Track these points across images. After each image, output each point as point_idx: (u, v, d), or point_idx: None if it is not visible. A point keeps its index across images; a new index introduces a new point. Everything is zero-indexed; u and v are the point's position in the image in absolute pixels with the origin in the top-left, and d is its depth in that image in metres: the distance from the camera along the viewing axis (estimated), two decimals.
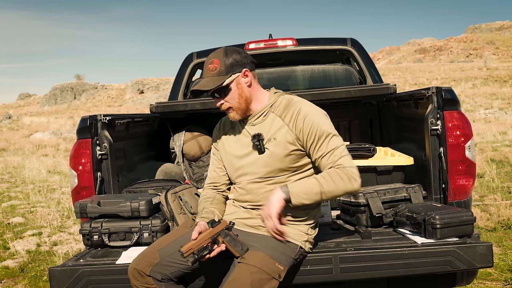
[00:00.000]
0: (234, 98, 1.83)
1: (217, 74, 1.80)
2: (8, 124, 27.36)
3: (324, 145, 1.76)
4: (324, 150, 1.76)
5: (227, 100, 1.84)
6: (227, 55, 1.82)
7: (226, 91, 1.82)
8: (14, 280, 3.67)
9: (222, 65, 1.80)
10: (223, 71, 1.80)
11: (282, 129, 1.82)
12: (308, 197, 1.70)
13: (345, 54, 4.00)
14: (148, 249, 1.81)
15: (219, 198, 2.00)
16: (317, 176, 1.73)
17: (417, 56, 64.81)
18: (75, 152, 2.45)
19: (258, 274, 1.63)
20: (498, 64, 40.71)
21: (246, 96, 1.84)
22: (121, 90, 47.54)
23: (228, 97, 1.83)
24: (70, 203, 6.05)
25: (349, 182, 1.70)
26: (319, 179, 1.71)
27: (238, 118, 1.87)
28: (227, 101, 1.84)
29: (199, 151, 3.49)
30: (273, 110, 1.88)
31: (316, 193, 1.69)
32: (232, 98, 1.83)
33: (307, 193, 1.70)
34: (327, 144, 1.76)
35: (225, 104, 1.84)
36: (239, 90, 1.83)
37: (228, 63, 1.81)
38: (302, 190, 1.70)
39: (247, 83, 1.85)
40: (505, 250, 3.59)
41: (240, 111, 1.85)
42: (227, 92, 1.82)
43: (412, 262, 1.80)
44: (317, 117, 1.79)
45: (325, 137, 1.76)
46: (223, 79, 1.80)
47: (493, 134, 11.50)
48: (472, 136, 2.27)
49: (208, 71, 1.82)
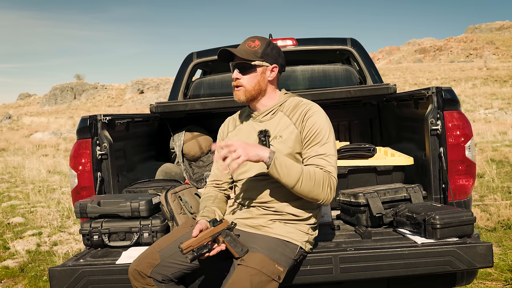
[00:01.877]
0: (252, 82, 1.87)
1: (253, 52, 1.85)
2: (8, 124, 27.36)
3: (316, 147, 1.79)
4: (315, 153, 1.78)
5: (244, 78, 1.87)
6: (270, 45, 1.89)
7: (249, 70, 1.87)
8: (14, 280, 3.67)
9: (261, 48, 1.87)
10: (259, 54, 1.86)
11: (289, 127, 1.85)
12: (285, 177, 1.67)
13: (345, 54, 4.00)
14: (149, 249, 1.81)
15: (220, 197, 2.00)
16: (304, 167, 1.73)
17: (417, 56, 64.80)
18: (75, 152, 2.45)
19: (257, 276, 1.62)
20: (498, 64, 40.71)
21: (261, 87, 1.89)
22: (121, 90, 47.54)
23: (248, 76, 1.87)
24: (70, 203, 6.05)
25: (326, 190, 1.71)
26: (304, 171, 1.70)
27: (243, 100, 1.89)
28: (243, 79, 1.87)
29: (199, 151, 3.49)
30: (281, 109, 1.92)
31: (293, 179, 1.67)
32: (249, 80, 1.87)
33: (287, 173, 1.66)
34: (320, 147, 1.79)
35: (240, 80, 1.88)
36: (260, 78, 1.88)
37: (266, 51, 1.87)
38: (285, 167, 1.67)
39: (270, 78, 1.90)
40: (505, 250, 3.59)
41: (249, 94, 1.88)
42: (250, 72, 1.87)
43: (412, 262, 1.80)
44: (320, 121, 1.82)
45: (320, 141, 1.79)
46: (255, 59, 1.86)
47: (493, 134, 11.50)
48: (472, 136, 2.27)
49: (247, 45, 1.88)
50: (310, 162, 1.78)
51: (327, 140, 1.80)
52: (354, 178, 2.68)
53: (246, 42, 1.89)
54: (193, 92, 3.89)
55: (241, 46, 1.89)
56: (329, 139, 1.81)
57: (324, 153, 1.77)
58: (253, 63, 1.85)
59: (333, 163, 1.78)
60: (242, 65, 1.87)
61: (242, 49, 1.86)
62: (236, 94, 1.90)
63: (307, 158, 1.81)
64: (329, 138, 1.81)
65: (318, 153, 1.78)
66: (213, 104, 3.00)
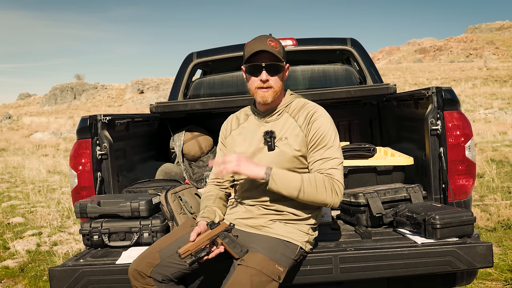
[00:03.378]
0: (279, 82, 1.87)
1: (278, 53, 1.83)
2: (8, 124, 27.36)
3: (321, 151, 1.79)
4: (320, 156, 1.78)
5: (274, 79, 1.85)
6: (282, 45, 1.88)
7: (279, 70, 1.86)
8: (14, 280, 3.67)
9: (281, 49, 1.86)
10: (282, 54, 1.85)
11: (295, 130, 1.84)
12: (286, 189, 1.70)
13: (345, 54, 4.00)
14: (148, 249, 1.81)
15: (221, 196, 2.01)
16: (304, 175, 1.74)
17: (417, 56, 64.81)
18: (75, 152, 2.44)
19: (257, 276, 1.62)
20: (498, 64, 40.71)
21: (282, 87, 1.90)
22: (121, 90, 47.54)
23: (277, 77, 1.86)
24: (70, 203, 6.05)
25: (331, 194, 1.71)
26: (304, 179, 1.71)
27: (270, 100, 1.87)
28: (273, 80, 1.85)
29: (199, 151, 3.49)
30: (287, 110, 1.91)
31: (295, 189, 1.70)
32: (277, 81, 1.86)
33: (287, 185, 1.70)
34: (325, 151, 1.79)
35: (270, 81, 1.85)
36: (283, 78, 1.89)
37: (284, 51, 1.88)
38: (284, 180, 1.70)
39: (285, 77, 1.92)
40: (505, 250, 3.59)
41: (275, 95, 1.87)
42: (279, 72, 1.86)
43: (412, 262, 1.80)
44: (326, 124, 1.83)
45: (325, 145, 1.79)
46: (283, 60, 1.85)
47: (493, 134, 11.49)
48: (472, 136, 2.27)
49: (269, 45, 1.82)
50: (315, 166, 1.79)
51: (333, 143, 1.80)
52: (354, 178, 2.68)
53: (265, 42, 1.81)
54: (193, 92, 3.89)
55: (262, 46, 1.81)
56: (334, 142, 1.81)
57: (329, 157, 1.78)
58: (283, 64, 1.86)
59: (338, 166, 1.77)
60: (274, 66, 1.84)
61: (271, 52, 1.81)
62: (265, 95, 1.85)
63: (312, 161, 1.81)
64: (334, 142, 1.81)
65: (322, 156, 1.78)
66: (213, 104, 3.00)
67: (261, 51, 1.80)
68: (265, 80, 1.83)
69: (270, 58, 1.82)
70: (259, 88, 1.85)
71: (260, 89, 1.85)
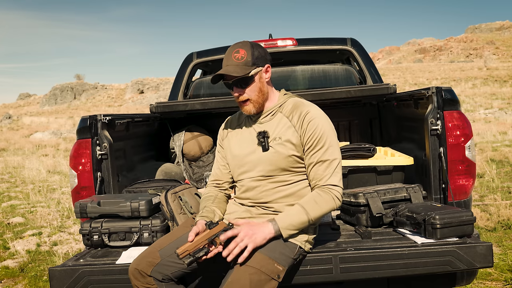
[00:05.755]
0: (254, 91, 1.84)
1: (244, 63, 1.80)
2: (8, 124, 27.36)
3: (320, 152, 1.79)
4: (318, 158, 1.79)
5: (247, 91, 1.83)
6: (254, 48, 1.84)
7: (249, 82, 1.83)
8: (14, 280, 3.67)
9: (249, 56, 1.81)
10: (250, 62, 1.81)
11: (289, 130, 1.84)
12: (297, 228, 1.74)
13: (345, 54, 4.00)
14: (149, 249, 1.81)
15: (221, 197, 2.01)
16: (303, 205, 1.75)
17: (417, 56, 64.81)
18: (75, 152, 2.44)
19: (257, 275, 1.62)
20: (498, 64, 40.71)
21: (264, 92, 1.87)
22: (121, 90, 47.54)
23: (249, 88, 1.83)
24: (70, 203, 6.05)
25: (333, 201, 1.76)
26: (306, 208, 1.73)
27: (254, 112, 1.87)
28: (247, 92, 1.84)
29: (199, 151, 3.49)
30: (281, 110, 1.91)
31: (304, 223, 1.74)
32: (252, 91, 1.84)
33: (295, 225, 1.73)
34: (323, 153, 1.79)
35: (244, 95, 1.84)
36: (260, 84, 1.85)
37: (255, 55, 1.82)
38: (291, 224, 1.72)
39: (267, 79, 1.88)
40: (505, 250, 3.59)
41: (258, 104, 1.86)
42: (250, 83, 1.83)
43: (412, 262, 1.80)
44: (322, 124, 1.82)
45: (323, 145, 1.79)
46: (249, 69, 1.81)
47: (493, 134, 11.50)
48: (472, 136, 2.27)
49: (234, 59, 1.81)
50: (313, 171, 1.80)
51: (330, 143, 1.80)
52: (354, 178, 2.68)
53: (230, 56, 1.81)
54: (193, 92, 3.89)
55: (228, 62, 1.81)
56: (332, 142, 1.81)
57: (327, 159, 1.78)
58: (250, 74, 1.80)
59: (337, 169, 1.79)
60: (240, 81, 1.82)
61: (233, 67, 1.79)
62: (246, 109, 1.86)
63: (310, 164, 1.81)
64: (331, 141, 1.81)
65: (320, 159, 1.79)
66: (213, 104, 3.00)
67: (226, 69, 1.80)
68: (238, 95, 1.84)
69: (237, 72, 1.79)
70: (239, 102, 1.87)
71: (240, 103, 1.87)
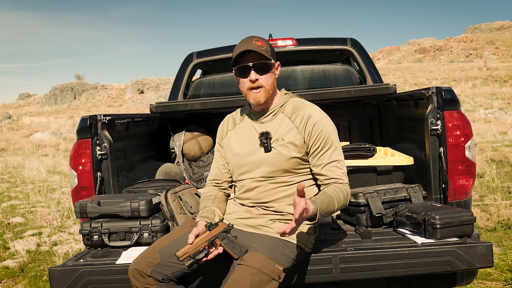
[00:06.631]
0: (269, 80, 1.85)
1: (265, 51, 1.81)
2: (8, 124, 27.36)
3: (327, 154, 1.81)
4: (327, 160, 1.81)
5: (263, 78, 1.83)
6: (269, 43, 1.87)
7: (268, 69, 1.84)
8: (14, 280, 3.67)
9: (268, 47, 1.84)
10: (269, 52, 1.83)
11: (292, 131, 1.84)
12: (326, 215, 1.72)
13: (345, 54, 4.00)
14: (149, 249, 1.81)
15: (220, 196, 2.00)
16: (334, 194, 1.72)
17: (417, 56, 64.82)
18: (75, 152, 2.44)
19: (257, 275, 1.62)
20: (498, 64, 40.71)
21: (275, 86, 1.89)
22: (121, 90, 47.54)
23: (266, 76, 1.84)
24: (70, 203, 6.04)
25: (347, 198, 1.79)
26: (336, 198, 1.72)
27: (263, 101, 1.85)
28: (263, 79, 1.83)
29: (199, 151, 3.49)
30: (282, 110, 1.90)
31: (332, 211, 1.73)
32: (268, 79, 1.84)
33: (328, 212, 1.70)
34: (331, 154, 1.81)
35: (260, 81, 1.83)
36: (273, 77, 1.88)
37: (271, 49, 1.86)
38: (326, 212, 1.68)
39: (277, 76, 1.91)
40: (505, 250, 3.59)
41: (268, 95, 1.85)
42: (268, 71, 1.84)
43: (412, 262, 1.80)
44: (326, 126, 1.84)
45: (330, 147, 1.81)
46: (271, 58, 1.83)
47: (493, 134, 11.50)
48: (472, 136, 2.27)
49: (255, 45, 1.80)
50: (325, 171, 1.80)
51: (336, 144, 1.84)
52: (354, 178, 2.67)
53: (251, 42, 1.80)
54: (193, 92, 3.89)
55: (249, 46, 1.79)
56: (337, 142, 1.85)
57: (337, 159, 1.82)
58: (271, 62, 1.84)
59: (344, 168, 1.84)
60: (262, 65, 1.82)
61: (257, 51, 1.79)
62: (257, 96, 1.83)
63: (320, 165, 1.81)
64: (337, 141, 1.85)
65: (331, 159, 1.81)
66: (213, 104, 3.00)
67: (247, 52, 1.80)
68: (255, 79, 1.82)
69: (257, 58, 1.80)
70: (250, 89, 1.84)
71: (251, 90, 1.84)
